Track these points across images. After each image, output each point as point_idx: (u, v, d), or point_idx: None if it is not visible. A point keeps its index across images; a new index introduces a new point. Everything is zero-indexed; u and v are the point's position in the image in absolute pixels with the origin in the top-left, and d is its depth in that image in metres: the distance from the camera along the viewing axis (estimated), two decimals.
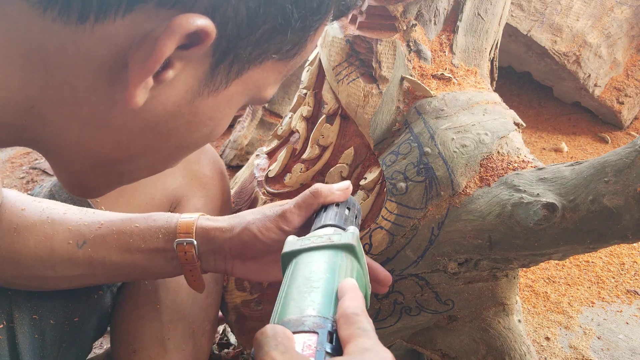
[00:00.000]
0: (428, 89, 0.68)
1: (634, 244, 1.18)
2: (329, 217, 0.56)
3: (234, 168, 1.59)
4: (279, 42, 0.39)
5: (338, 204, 0.58)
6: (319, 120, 0.77)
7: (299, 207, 0.58)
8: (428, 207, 0.63)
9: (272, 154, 0.87)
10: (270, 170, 0.82)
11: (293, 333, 0.37)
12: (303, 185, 0.77)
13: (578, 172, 0.56)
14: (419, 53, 0.71)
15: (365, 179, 0.71)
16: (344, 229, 0.52)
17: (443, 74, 0.71)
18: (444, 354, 0.71)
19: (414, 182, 0.64)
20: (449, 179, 0.63)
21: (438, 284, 0.66)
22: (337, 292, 0.42)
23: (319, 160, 0.76)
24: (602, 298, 1.04)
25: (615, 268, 1.11)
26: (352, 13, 0.75)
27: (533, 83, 1.94)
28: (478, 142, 0.65)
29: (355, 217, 0.59)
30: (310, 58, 0.83)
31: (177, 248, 0.59)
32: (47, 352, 0.63)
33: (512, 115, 0.71)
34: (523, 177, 0.60)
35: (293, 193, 0.78)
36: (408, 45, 0.71)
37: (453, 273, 0.64)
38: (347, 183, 0.61)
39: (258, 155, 0.89)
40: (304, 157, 0.77)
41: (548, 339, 0.94)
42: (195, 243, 0.59)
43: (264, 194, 0.80)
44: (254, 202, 0.82)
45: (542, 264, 1.10)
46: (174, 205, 0.76)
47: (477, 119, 0.67)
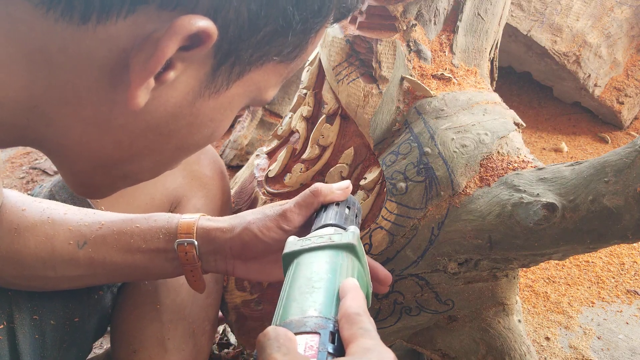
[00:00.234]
0: (428, 89, 0.68)
1: (634, 244, 1.18)
2: (329, 216, 0.56)
3: (234, 168, 1.59)
4: (280, 44, 0.39)
5: (338, 203, 0.59)
6: (319, 120, 0.77)
7: (299, 206, 0.59)
8: (428, 207, 0.63)
9: (272, 154, 0.87)
10: (270, 170, 0.82)
11: (295, 334, 0.37)
12: (303, 185, 0.77)
13: (578, 172, 0.56)
14: (419, 53, 0.71)
15: (365, 179, 0.71)
16: (345, 229, 0.52)
17: (443, 74, 0.71)
18: (444, 354, 0.71)
19: (414, 182, 0.65)
20: (449, 179, 0.63)
21: (438, 284, 0.66)
22: (338, 292, 0.42)
23: (319, 160, 0.76)
24: (602, 298, 1.04)
25: (615, 268, 1.11)
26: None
27: (533, 83, 1.94)
28: (478, 142, 0.65)
29: (356, 216, 0.59)
30: (310, 58, 0.83)
31: (177, 248, 0.59)
32: (47, 352, 0.63)
33: (512, 115, 0.71)
34: (523, 177, 0.60)
35: (293, 193, 0.78)
36: (408, 45, 0.71)
37: (453, 273, 0.64)
38: (347, 182, 0.61)
39: (258, 155, 0.89)
40: (304, 157, 0.77)
41: (548, 339, 0.94)
42: (196, 243, 0.59)
43: (264, 194, 0.80)
44: (254, 202, 0.82)
45: (542, 264, 1.10)
46: (174, 206, 0.76)
47: (477, 119, 0.67)
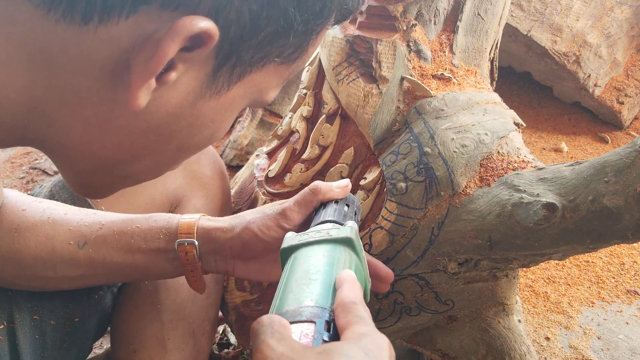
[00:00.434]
0: (428, 89, 0.68)
1: (634, 244, 1.18)
2: (328, 213, 0.56)
3: (234, 168, 1.59)
4: (282, 45, 0.39)
5: (337, 201, 0.59)
6: (319, 120, 0.77)
7: (299, 204, 0.59)
8: (428, 207, 0.63)
9: (272, 154, 0.87)
10: (270, 170, 0.82)
11: (290, 323, 0.37)
12: (303, 185, 0.77)
13: (578, 172, 0.56)
14: (419, 53, 0.71)
15: (365, 179, 0.71)
16: (343, 225, 0.52)
17: (443, 74, 0.71)
18: (444, 354, 0.71)
19: (414, 182, 0.65)
20: (449, 179, 0.63)
21: (438, 284, 0.66)
22: (335, 283, 0.42)
23: (319, 160, 0.76)
24: (602, 298, 1.04)
25: (615, 268, 1.11)
26: None
27: (533, 83, 1.94)
28: (478, 142, 0.65)
29: (355, 213, 0.59)
30: (310, 58, 0.83)
31: (178, 248, 0.59)
32: (47, 352, 0.63)
33: (512, 115, 0.71)
34: (523, 177, 0.60)
35: (293, 193, 0.77)
36: (408, 45, 0.71)
37: (453, 273, 0.64)
38: (346, 181, 0.61)
39: (258, 155, 0.89)
40: (304, 157, 0.77)
41: (548, 339, 0.94)
42: (197, 243, 0.59)
43: (264, 194, 0.80)
44: (254, 202, 0.82)
45: (542, 264, 1.10)
46: (174, 205, 0.76)
47: (477, 119, 0.67)
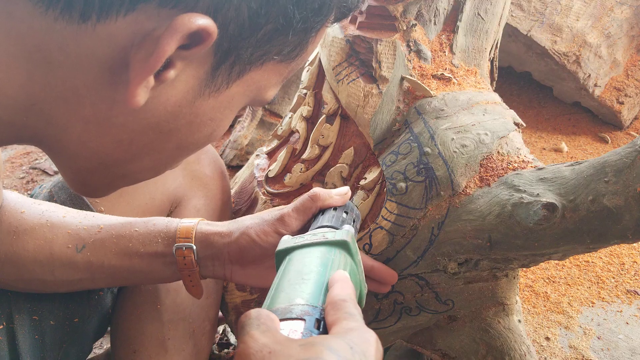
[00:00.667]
0: (428, 89, 0.68)
1: (634, 244, 1.18)
2: (326, 219, 0.56)
3: (234, 168, 1.59)
4: (281, 43, 0.39)
5: (336, 208, 0.59)
6: (319, 120, 0.77)
7: (297, 211, 0.59)
8: (428, 207, 0.63)
9: (272, 154, 0.87)
10: (270, 170, 0.82)
11: (281, 320, 0.37)
12: (303, 185, 0.77)
13: (578, 172, 0.56)
14: (419, 53, 0.71)
15: (365, 179, 0.70)
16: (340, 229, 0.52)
17: (443, 74, 0.71)
18: (444, 354, 0.71)
19: (414, 182, 0.64)
20: (449, 179, 0.63)
21: (438, 284, 0.66)
22: (327, 283, 0.42)
23: (319, 160, 0.76)
24: (602, 298, 1.04)
25: (615, 268, 1.11)
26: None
27: (533, 83, 1.94)
28: (478, 142, 0.65)
29: (354, 220, 0.59)
30: (310, 58, 0.83)
31: (176, 253, 0.59)
32: (47, 352, 0.63)
33: (512, 115, 0.71)
34: (523, 177, 0.60)
35: (293, 193, 0.78)
36: (408, 45, 0.71)
37: (453, 273, 0.64)
38: (345, 189, 0.61)
39: (258, 155, 0.89)
40: (304, 157, 0.77)
41: (548, 339, 0.94)
42: (195, 248, 0.59)
43: (264, 194, 0.80)
44: (254, 202, 0.82)
45: (542, 264, 1.10)
46: (174, 206, 0.76)
47: (477, 119, 0.67)
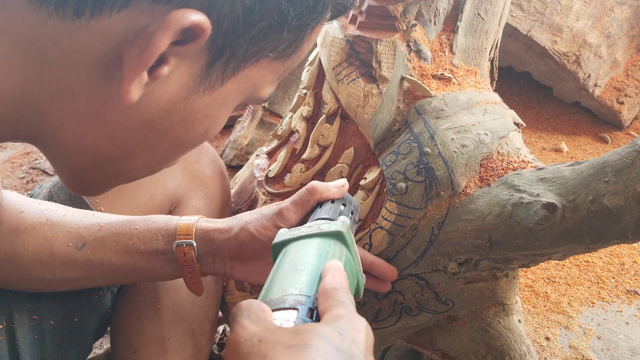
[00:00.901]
0: (428, 89, 0.68)
1: (634, 244, 1.18)
2: (323, 211, 0.56)
3: (234, 168, 1.59)
4: (275, 40, 0.39)
5: (333, 201, 0.59)
6: (319, 120, 0.77)
7: (296, 204, 0.59)
8: (428, 207, 0.63)
9: (272, 154, 0.87)
10: (270, 170, 0.82)
11: (273, 310, 0.37)
12: (303, 185, 0.77)
13: (578, 172, 0.56)
14: (419, 53, 0.71)
15: (365, 179, 0.70)
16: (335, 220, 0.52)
17: (443, 74, 0.71)
18: (444, 354, 0.71)
19: (414, 182, 0.64)
20: (449, 179, 0.63)
21: (438, 284, 0.66)
22: (321, 273, 0.42)
23: (319, 160, 0.76)
24: (602, 298, 1.04)
25: (615, 268, 1.11)
26: (352, 13, 0.75)
27: (533, 83, 1.95)
28: (478, 142, 0.65)
29: (352, 213, 0.59)
30: (310, 58, 0.83)
31: (176, 250, 0.59)
32: (47, 352, 0.63)
33: (512, 115, 0.71)
34: (523, 177, 0.60)
35: (293, 193, 0.77)
36: (408, 45, 0.71)
37: (453, 273, 0.64)
38: (343, 180, 0.61)
39: (258, 155, 0.89)
40: (304, 157, 0.77)
41: (548, 339, 0.94)
42: (195, 245, 0.59)
43: (264, 194, 0.80)
44: (254, 202, 0.82)
45: (542, 264, 1.10)
46: (174, 206, 0.76)
47: (477, 119, 0.67)
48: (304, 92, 0.82)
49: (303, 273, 0.42)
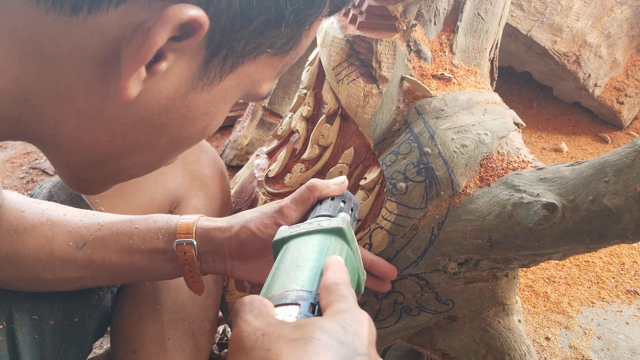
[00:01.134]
0: (428, 89, 0.68)
1: (634, 244, 1.18)
2: (323, 208, 0.56)
3: (234, 168, 1.59)
4: (273, 35, 0.39)
5: (333, 198, 0.59)
6: (319, 120, 0.77)
7: (296, 202, 0.59)
8: (428, 207, 0.63)
9: (272, 154, 0.87)
10: (270, 170, 0.82)
11: (276, 306, 0.37)
12: None
13: (578, 172, 0.56)
14: (419, 53, 0.71)
15: (365, 179, 0.70)
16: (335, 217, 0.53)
17: (443, 74, 0.71)
18: (444, 354, 0.71)
19: (414, 182, 0.64)
20: (449, 179, 0.63)
21: (438, 284, 0.66)
22: (323, 269, 0.42)
23: (319, 160, 0.76)
24: (602, 298, 1.04)
25: (615, 268, 1.11)
26: (352, 13, 0.75)
27: (533, 83, 1.95)
28: (478, 142, 0.65)
29: (352, 209, 0.59)
30: (310, 58, 0.83)
31: (176, 248, 0.59)
32: (47, 352, 0.63)
33: (512, 115, 0.71)
34: (523, 177, 0.60)
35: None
36: (408, 45, 0.71)
37: (453, 273, 0.64)
38: (342, 178, 0.61)
39: (258, 155, 0.89)
40: (304, 157, 0.77)
41: (548, 339, 0.94)
42: (195, 243, 0.59)
43: (264, 194, 0.80)
44: (254, 202, 0.82)
45: (542, 264, 1.10)
46: (174, 205, 0.76)
47: (477, 119, 0.67)
48: (304, 92, 0.82)
49: (304, 269, 0.42)
